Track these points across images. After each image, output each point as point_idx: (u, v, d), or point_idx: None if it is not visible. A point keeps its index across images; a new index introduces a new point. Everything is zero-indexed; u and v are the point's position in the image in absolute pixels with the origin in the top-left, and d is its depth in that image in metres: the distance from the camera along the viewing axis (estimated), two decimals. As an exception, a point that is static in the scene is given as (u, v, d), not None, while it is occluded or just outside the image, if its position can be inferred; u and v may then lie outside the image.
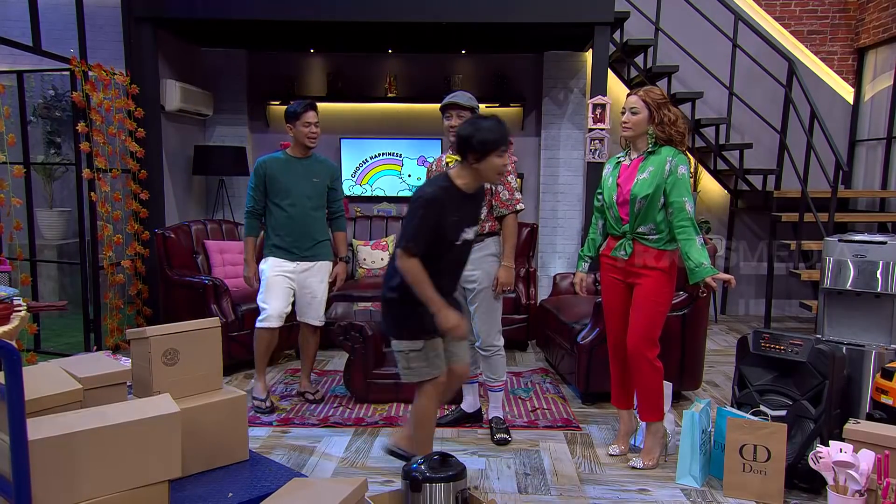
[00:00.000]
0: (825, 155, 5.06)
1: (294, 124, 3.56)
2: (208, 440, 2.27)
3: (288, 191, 3.57)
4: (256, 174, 3.60)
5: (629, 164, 2.96)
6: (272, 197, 3.59)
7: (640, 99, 2.89)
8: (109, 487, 1.82)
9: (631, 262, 2.93)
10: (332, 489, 2.05)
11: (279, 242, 3.61)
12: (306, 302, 3.71)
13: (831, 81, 6.11)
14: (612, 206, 2.96)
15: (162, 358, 2.31)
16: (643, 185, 2.86)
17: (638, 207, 2.87)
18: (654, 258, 2.88)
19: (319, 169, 3.68)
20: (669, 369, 3.53)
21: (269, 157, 3.64)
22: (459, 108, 3.16)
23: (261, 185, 3.59)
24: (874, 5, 5.78)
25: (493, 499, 2.71)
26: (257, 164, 3.62)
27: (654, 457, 3.05)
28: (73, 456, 1.75)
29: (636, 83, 5.85)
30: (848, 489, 2.46)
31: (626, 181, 2.92)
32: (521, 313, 4.86)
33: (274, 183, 3.58)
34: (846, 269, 3.16)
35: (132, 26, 4.79)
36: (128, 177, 4.82)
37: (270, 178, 3.58)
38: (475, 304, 3.24)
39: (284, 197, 3.57)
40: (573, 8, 4.70)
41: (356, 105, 6.18)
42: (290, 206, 3.56)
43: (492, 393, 3.39)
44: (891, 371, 2.79)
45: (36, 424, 1.72)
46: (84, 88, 4.39)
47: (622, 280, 3.00)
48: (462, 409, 3.54)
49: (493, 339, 3.27)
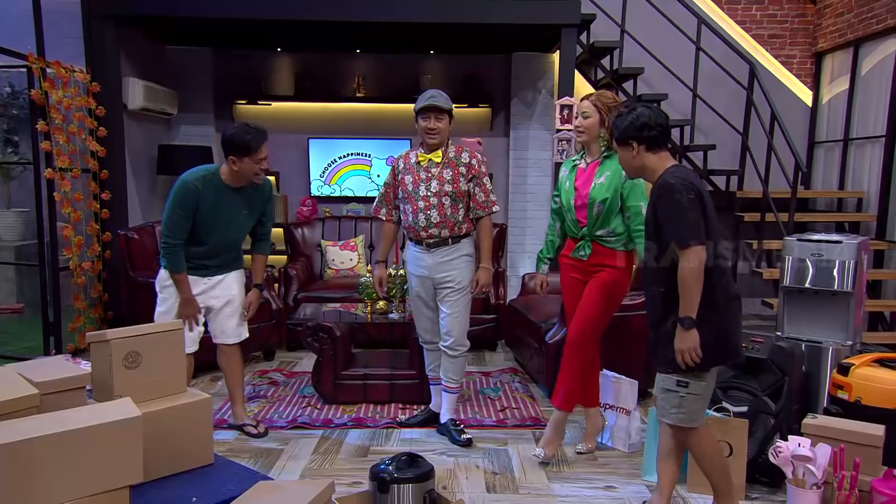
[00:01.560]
0: (785, 156, 5.19)
1: (240, 158, 2.95)
2: (171, 444, 2.23)
3: (215, 226, 3.05)
4: (187, 202, 2.96)
5: (585, 167, 3.02)
6: (196, 229, 3.03)
7: (591, 103, 2.98)
8: (67, 494, 1.77)
9: (590, 262, 3.01)
10: (298, 492, 2.02)
11: (186, 263, 3.08)
12: (223, 318, 3.22)
13: (791, 84, 6.27)
14: (570, 210, 3.01)
15: (123, 361, 2.26)
16: (601, 189, 2.93)
17: (597, 212, 2.94)
18: (612, 258, 2.98)
19: (255, 199, 3.16)
20: (636, 367, 3.59)
21: (202, 181, 2.99)
22: (439, 111, 3.13)
23: (189, 212, 2.98)
24: (830, 11, 5.95)
25: (462, 499, 2.71)
26: (187, 187, 2.96)
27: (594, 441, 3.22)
28: (29, 463, 1.70)
29: (603, 84, 5.92)
30: (806, 482, 2.52)
31: (584, 185, 2.98)
32: (490, 313, 4.88)
33: (202, 216, 3.00)
34: (805, 268, 3.24)
35: (92, 23, 4.68)
36: (88, 177, 4.71)
37: (201, 210, 2.99)
38: (449, 305, 3.24)
39: (207, 233, 3.04)
40: (540, 10, 4.74)
41: (324, 105, 6.13)
42: (212, 240, 3.08)
43: (449, 395, 3.39)
44: (847, 367, 2.87)
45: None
46: (42, 86, 4.28)
47: (581, 279, 3.06)
48: (430, 409, 3.54)
49: (463, 340, 3.29)
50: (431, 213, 3.17)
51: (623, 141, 2.38)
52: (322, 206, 6.14)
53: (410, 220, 3.23)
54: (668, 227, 2.25)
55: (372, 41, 5.70)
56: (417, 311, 3.41)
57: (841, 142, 5.85)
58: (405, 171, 3.25)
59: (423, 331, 3.44)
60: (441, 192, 3.17)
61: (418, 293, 3.35)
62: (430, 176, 3.19)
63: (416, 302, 3.39)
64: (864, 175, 5.60)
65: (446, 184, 3.17)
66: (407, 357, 3.94)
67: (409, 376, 3.80)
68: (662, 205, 2.27)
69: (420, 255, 3.26)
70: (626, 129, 2.36)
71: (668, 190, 2.25)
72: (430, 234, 3.19)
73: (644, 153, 2.36)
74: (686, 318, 2.22)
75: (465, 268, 3.25)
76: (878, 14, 5.27)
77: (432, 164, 3.20)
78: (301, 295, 4.88)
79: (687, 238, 2.19)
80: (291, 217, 6.15)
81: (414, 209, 3.20)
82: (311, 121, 6.15)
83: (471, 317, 3.35)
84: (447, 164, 3.20)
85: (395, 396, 3.81)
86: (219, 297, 3.19)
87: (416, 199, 3.19)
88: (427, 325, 3.40)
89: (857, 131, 5.69)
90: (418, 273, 3.29)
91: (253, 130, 2.98)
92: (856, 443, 2.57)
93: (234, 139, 2.95)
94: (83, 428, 1.80)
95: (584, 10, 4.94)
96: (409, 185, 3.22)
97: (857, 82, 5.70)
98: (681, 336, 2.24)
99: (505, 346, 5.05)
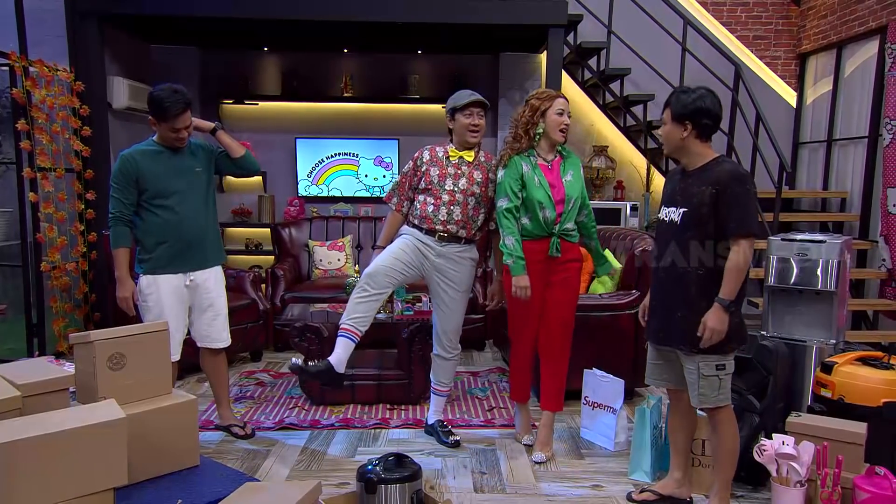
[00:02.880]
0: (770, 156, 5.23)
1: (158, 121, 2.90)
2: (157, 446, 2.22)
3: (171, 187, 2.93)
4: (123, 172, 2.88)
5: (549, 164, 3.02)
6: (149, 198, 2.92)
7: (566, 102, 3.02)
8: (51, 497, 1.76)
9: (560, 258, 3.02)
10: (284, 493, 2.02)
11: (162, 254, 2.95)
12: (206, 322, 3.11)
13: (775, 85, 6.32)
14: (550, 206, 2.95)
15: (107, 363, 2.24)
16: (573, 186, 3.01)
17: (571, 207, 3.00)
18: (576, 251, 3.08)
19: (199, 155, 3.06)
20: (622, 366, 3.60)
21: (137, 151, 2.95)
22: (483, 107, 3.10)
23: (131, 185, 2.89)
24: (814, 13, 6.01)
25: (449, 499, 2.71)
26: (122, 159, 2.91)
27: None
28: (12, 466, 1.68)
29: (590, 85, 5.95)
30: (790, 480, 2.55)
31: (557, 181, 2.99)
32: (478, 313, 4.88)
33: (149, 181, 2.90)
34: (789, 268, 3.27)
35: (76, 21, 4.64)
36: (72, 177, 4.67)
37: (143, 177, 2.90)
38: (449, 302, 3.18)
39: (165, 196, 2.93)
40: (527, 10, 4.76)
41: (312, 105, 6.11)
42: (178, 204, 2.94)
43: (438, 398, 3.38)
44: (830, 365, 2.90)
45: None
46: (25, 85, 4.24)
47: (544, 277, 3.03)
48: (329, 361, 3.20)
49: (457, 342, 3.29)
50: (454, 209, 3.09)
51: (679, 118, 2.39)
52: (309, 206, 6.12)
53: (430, 211, 3.10)
54: (734, 213, 2.31)
55: (360, 41, 5.69)
56: (388, 257, 3.08)
57: (825, 142, 5.91)
58: (431, 164, 3.15)
59: (380, 273, 3.04)
60: (469, 190, 3.10)
61: (402, 255, 3.08)
62: (459, 173, 3.11)
63: (395, 250, 3.10)
64: (847, 175, 5.66)
65: (475, 184, 3.11)
66: (394, 357, 3.93)
67: (396, 377, 3.79)
68: (732, 192, 2.31)
69: (429, 242, 3.11)
70: (686, 106, 2.37)
71: (741, 179, 2.32)
72: (447, 229, 3.10)
73: (692, 138, 2.40)
74: (731, 301, 2.33)
75: (470, 272, 3.19)
76: (861, 16, 5.33)
77: (463, 162, 3.13)
78: (288, 295, 4.86)
79: (751, 227, 2.31)
80: (279, 217, 6.12)
81: (437, 202, 3.09)
82: (299, 121, 6.13)
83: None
84: (478, 165, 3.15)
85: (383, 397, 3.80)
86: (204, 298, 3.09)
87: (442, 192, 3.09)
88: (389, 270, 3.05)
89: (841, 132, 5.75)
90: (419, 247, 3.10)
91: (173, 97, 2.84)
92: (839, 440, 2.59)
93: (152, 100, 2.87)
94: (66, 430, 1.78)
95: (571, 10, 4.96)
96: (434, 177, 3.12)
97: (841, 83, 5.75)
98: (720, 317, 2.32)
99: (493, 346, 5.05)
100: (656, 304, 2.56)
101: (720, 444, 2.50)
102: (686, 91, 2.41)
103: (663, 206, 2.55)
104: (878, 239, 5.06)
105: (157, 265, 2.97)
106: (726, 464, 2.51)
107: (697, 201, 2.37)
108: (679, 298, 2.45)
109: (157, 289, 2.97)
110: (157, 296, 2.97)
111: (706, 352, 2.39)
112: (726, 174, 2.34)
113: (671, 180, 2.56)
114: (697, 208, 2.38)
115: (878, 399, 2.72)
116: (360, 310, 3.04)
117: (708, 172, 2.39)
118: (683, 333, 2.43)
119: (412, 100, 6.03)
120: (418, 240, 3.14)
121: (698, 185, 2.39)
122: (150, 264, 2.98)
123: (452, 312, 3.21)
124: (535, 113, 2.97)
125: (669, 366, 2.59)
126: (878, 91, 5.15)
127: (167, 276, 2.98)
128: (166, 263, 2.97)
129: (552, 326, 3.06)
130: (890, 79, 4.88)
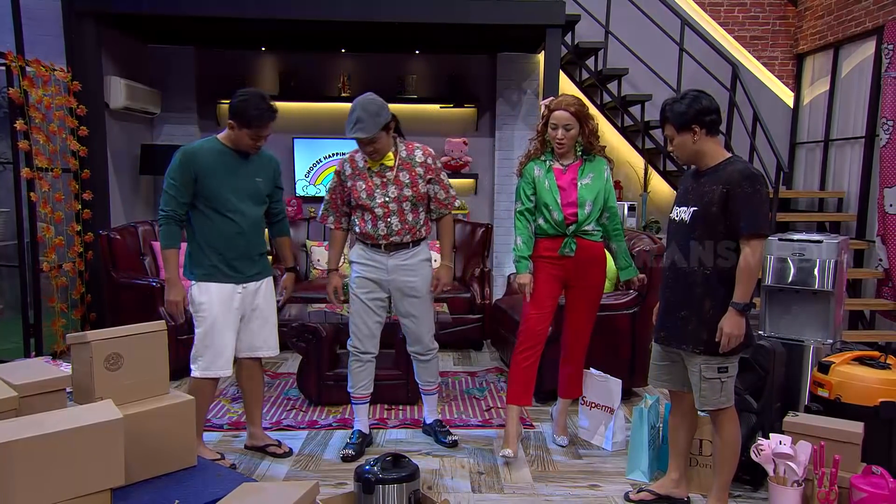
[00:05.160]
0: (767, 156, 5.24)
1: (239, 127, 2.77)
2: (153, 447, 2.21)
3: (229, 191, 2.81)
4: (183, 167, 2.75)
5: (564, 168, 3.06)
6: (206, 201, 2.79)
7: (572, 115, 2.97)
8: (47, 498, 1.75)
9: (577, 256, 3.04)
10: (282, 493, 2.02)
11: (219, 262, 2.83)
12: (255, 331, 2.99)
13: (772, 86, 6.33)
14: (557, 209, 3.00)
15: (104, 363, 2.24)
16: (590, 189, 3.02)
17: (588, 210, 3.01)
18: (598, 249, 3.11)
19: (264, 165, 2.95)
20: (620, 366, 3.61)
21: (200, 147, 2.82)
22: (363, 141, 2.90)
23: (189, 184, 2.77)
24: (811, 14, 6.02)
25: (447, 499, 2.71)
26: (183, 152, 2.78)
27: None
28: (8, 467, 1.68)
29: (588, 85, 5.96)
30: (787, 480, 2.55)
31: (570, 185, 3.03)
32: (475, 313, 4.88)
33: (209, 182, 2.78)
34: (786, 268, 3.27)
35: (73, 21, 4.62)
36: (69, 177, 4.66)
37: (204, 176, 2.77)
38: (414, 311, 3.13)
39: (225, 202, 2.80)
40: (525, 10, 4.75)
41: (309, 104, 6.10)
42: (237, 213, 2.83)
43: (429, 397, 3.38)
44: (827, 365, 2.90)
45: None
46: (22, 84, 4.23)
47: (561, 276, 3.08)
48: (360, 430, 3.32)
49: (431, 343, 3.25)
50: (392, 220, 3.00)
51: (685, 126, 2.40)
52: (307, 206, 6.11)
53: (369, 228, 3.03)
54: (746, 212, 2.30)
55: (357, 41, 5.69)
56: (360, 317, 3.11)
57: (822, 143, 5.92)
58: (355, 178, 3.02)
59: (364, 338, 3.13)
60: (400, 196, 2.99)
61: (368, 297, 3.09)
62: (385, 181, 2.99)
63: (360, 307, 3.10)
64: (844, 175, 5.67)
65: (405, 188, 2.99)
66: (392, 357, 3.92)
67: (393, 377, 3.79)
68: (744, 192, 2.31)
69: (377, 258, 3.07)
70: (687, 114, 2.39)
71: (753, 179, 2.32)
72: (391, 241, 3.04)
73: (704, 137, 2.41)
74: (744, 304, 2.32)
75: (427, 273, 3.13)
76: (857, 17, 5.34)
77: (385, 169, 3.00)
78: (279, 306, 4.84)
79: (763, 228, 2.31)
80: (276, 217, 6.10)
81: (373, 218, 3.01)
82: (296, 120, 6.11)
83: (456, 316, 3.35)
84: (402, 166, 3.01)
85: (380, 397, 3.79)
86: (257, 308, 2.97)
87: (374, 206, 2.99)
88: (369, 331, 3.13)
89: (838, 132, 5.76)
90: (373, 276, 3.08)
91: (262, 105, 2.76)
92: (836, 440, 2.60)
93: (238, 108, 2.76)
94: (63, 431, 1.78)
95: (569, 10, 4.96)
96: (362, 192, 3.00)
97: (837, 84, 5.77)
98: (736, 321, 2.32)
99: (490, 346, 5.06)
100: (663, 304, 2.57)
101: (721, 446, 2.50)
102: (678, 100, 2.44)
103: (675, 206, 2.56)
104: (874, 239, 5.07)
105: (211, 275, 2.83)
106: (727, 465, 2.50)
107: (708, 200, 2.38)
108: (683, 298, 2.45)
109: (210, 298, 2.83)
110: (209, 305, 2.83)
111: (709, 353, 2.38)
112: (737, 174, 2.34)
113: (685, 180, 2.58)
114: (707, 207, 2.38)
115: (874, 399, 2.73)
116: (362, 378, 3.21)
117: (720, 172, 2.39)
118: (686, 334, 2.43)
119: (409, 100, 6.03)
120: (370, 257, 3.08)
121: (710, 184, 2.40)
122: (203, 271, 2.83)
123: (421, 318, 3.16)
124: (543, 121, 3.07)
125: (674, 367, 2.58)
126: (875, 91, 5.17)
127: (220, 284, 2.84)
128: (222, 272, 2.84)
129: (580, 321, 3.18)
130: (886, 79, 4.89)
